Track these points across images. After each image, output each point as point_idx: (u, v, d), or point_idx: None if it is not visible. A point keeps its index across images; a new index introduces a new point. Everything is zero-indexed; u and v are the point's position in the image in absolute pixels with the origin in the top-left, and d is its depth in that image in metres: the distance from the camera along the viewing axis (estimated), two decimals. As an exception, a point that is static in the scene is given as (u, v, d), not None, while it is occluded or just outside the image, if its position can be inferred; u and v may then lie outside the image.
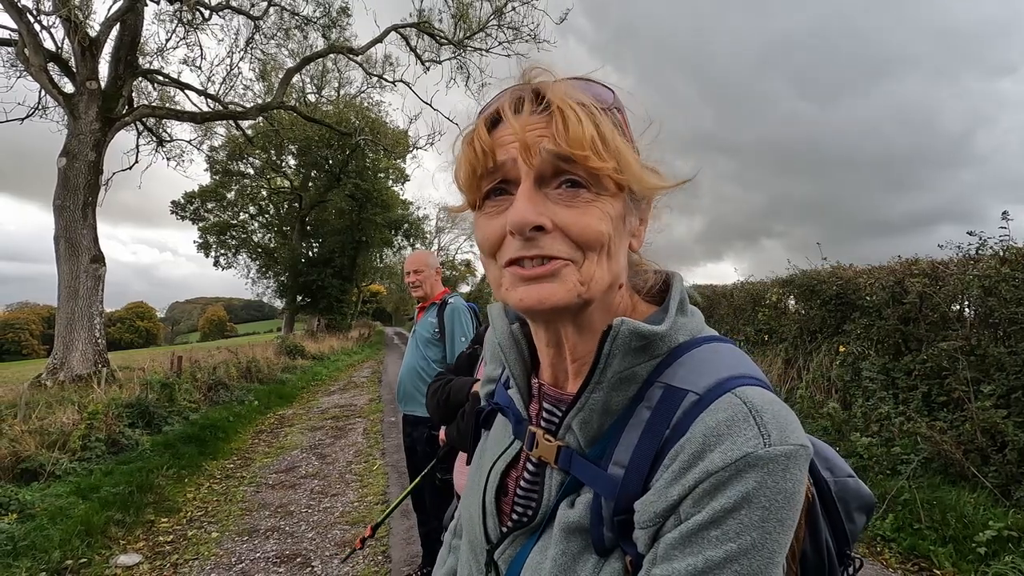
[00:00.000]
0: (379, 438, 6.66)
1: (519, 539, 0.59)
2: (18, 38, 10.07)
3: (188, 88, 13.60)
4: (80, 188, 9.72)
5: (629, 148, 0.53)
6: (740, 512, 0.43)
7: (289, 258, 26.64)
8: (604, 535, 0.51)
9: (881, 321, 4.81)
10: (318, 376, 13.14)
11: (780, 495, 0.44)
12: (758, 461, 0.44)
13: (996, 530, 2.89)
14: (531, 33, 13.87)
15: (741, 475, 0.44)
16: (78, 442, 4.93)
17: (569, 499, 0.55)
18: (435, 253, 3.39)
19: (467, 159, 0.54)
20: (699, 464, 0.45)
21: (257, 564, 3.48)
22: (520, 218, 0.50)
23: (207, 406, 7.70)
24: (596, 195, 0.51)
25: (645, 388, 0.53)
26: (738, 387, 0.49)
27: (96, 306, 9.72)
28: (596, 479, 0.52)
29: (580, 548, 0.52)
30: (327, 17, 15.01)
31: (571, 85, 0.52)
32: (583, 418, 0.54)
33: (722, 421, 0.46)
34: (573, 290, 0.51)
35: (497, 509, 0.63)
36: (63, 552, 3.38)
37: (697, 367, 0.51)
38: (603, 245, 0.52)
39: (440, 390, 1.64)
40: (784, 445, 0.45)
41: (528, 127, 0.51)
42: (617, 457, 0.52)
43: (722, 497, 0.44)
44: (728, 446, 0.45)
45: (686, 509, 0.45)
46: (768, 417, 0.46)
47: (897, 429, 3.92)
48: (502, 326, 0.64)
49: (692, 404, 0.49)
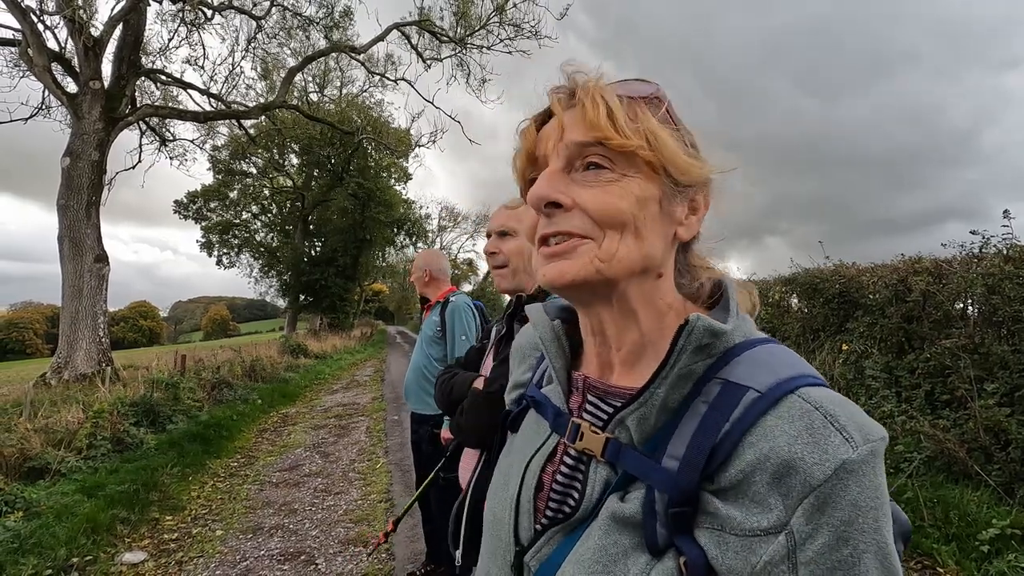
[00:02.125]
0: (382, 436, 6.68)
1: (556, 537, 0.57)
2: (21, 38, 10.09)
3: (191, 87, 13.63)
4: (84, 188, 9.76)
5: (669, 134, 0.55)
6: (858, 521, 0.44)
7: (292, 257, 26.69)
8: (658, 531, 0.50)
9: (884, 319, 4.80)
10: (321, 375, 13.17)
11: (879, 490, 0.45)
12: (853, 466, 0.44)
13: (999, 528, 2.89)
14: (532, 30, 13.86)
15: (843, 483, 0.44)
16: (84, 440, 4.96)
17: (619, 494, 0.54)
18: (438, 251, 3.40)
19: (519, 150, 0.61)
20: (794, 476, 0.45)
21: (261, 562, 3.50)
22: (534, 193, 0.55)
23: (211, 405, 7.72)
24: (621, 175, 0.54)
25: (702, 384, 0.52)
26: (801, 387, 0.49)
27: (100, 305, 9.75)
28: (649, 471, 0.52)
29: (629, 545, 0.51)
30: (329, 18, 15.03)
31: (601, 82, 0.56)
32: (642, 414, 0.53)
33: (803, 429, 0.46)
34: (590, 265, 0.53)
35: (534, 507, 0.61)
36: (69, 550, 3.40)
37: (756, 365, 0.52)
38: (624, 223, 0.53)
39: (445, 383, 1.65)
40: (868, 444, 0.45)
41: (566, 121, 0.56)
42: (672, 451, 0.51)
43: (834, 510, 0.44)
44: (821, 456, 0.45)
45: (799, 526, 0.45)
46: (844, 419, 0.46)
47: (900, 427, 3.92)
48: (543, 321, 0.65)
49: (753, 401, 0.49)
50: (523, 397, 0.72)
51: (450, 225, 44.19)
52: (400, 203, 28.76)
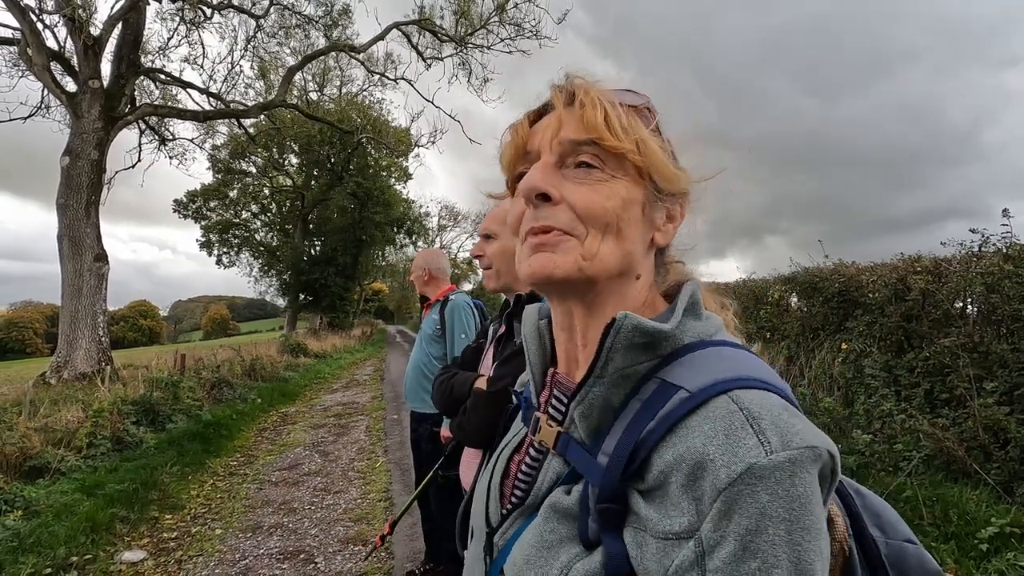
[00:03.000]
0: (381, 435, 6.68)
1: (517, 520, 0.61)
2: (21, 37, 10.08)
3: (190, 87, 13.63)
4: (83, 187, 9.76)
5: (656, 142, 0.57)
6: (767, 532, 0.42)
7: (291, 256, 26.68)
8: (589, 526, 0.51)
9: (883, 318, 4.81)
10: (320, 374, 13.17)
11: (796, 503, 0.42)
12: (763, 471, 0.42)
13: (998, 527, 2.89)
14: (533, 30, 13.85)
15: (751, 489, 0.42)
16: (84, 440, 4.95)
17: (566, 487, 0.56)
18: (437, 250, 3.39)
19: (509, 143, 0.62)
20: (705, 478, 0.44)
21: (261, 560, 3.50)
22: (526, 183, 0.56)
23: (211, 404, 7.73)
24: (610, 176, 0.56)
25: (642, 383, 0.53)
26: (735, 389, 0.47)
27: (99, 304, 9.76)
28: (586, 466, 0.54)
29: (565, 535, 0.53)
30: (328, 16, 15.02)
31: (601, 88, 0.57)
32: (583, 411, 0.54)
33: (720, 430, 0.45)
34: (575, 263, 0.54)
35: (500, 493, 0.66)
36: (68, 548, 3.40)
37: (695, 366, 0.51)
38: (608, 223, 0.55)
39: (444, 383, 1.65)
40: (786, 451, 0.43)
41: (559, 119, 0.57)
42: (605, 447, 0.52)
43: (740, 518, 0.42)
44: (730, 459, 0.43)
45: (707, 533, 0.43)
46: (767, 423, 0.44)
47: (899, 426, 3.92)
48: (531, 321, 0.68)
49: (681, 400, 0.49)
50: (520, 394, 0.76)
51: (450, 224, 44.20)
52: (400, 202, 28.76)
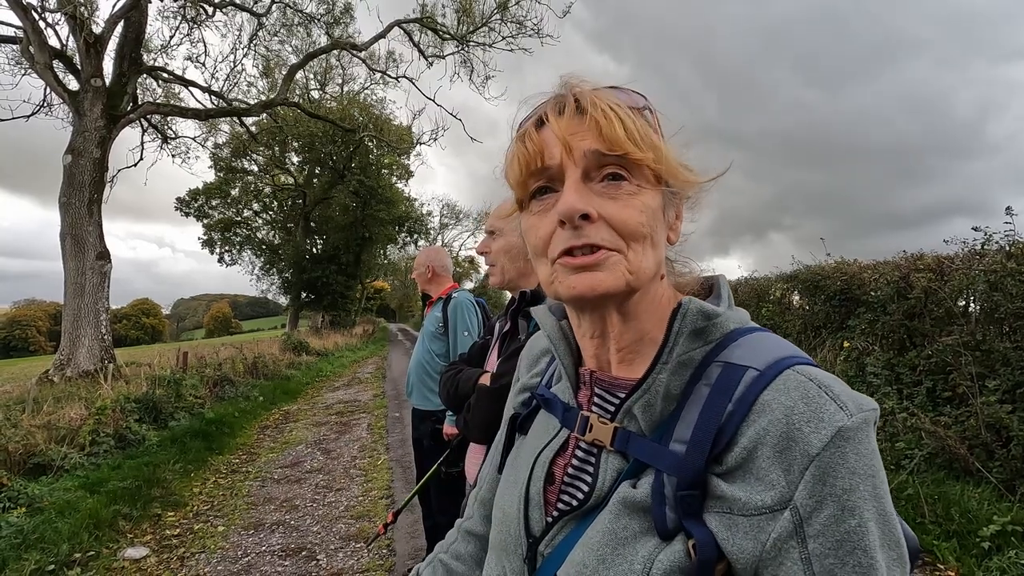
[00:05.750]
0: (383, 433, 6.70)
1: (568, 524, 0.58)
2: (23, 35, 10.10)
3: (192, 85, 13.63)
4: (86, 185, 9.78)
5: (663, 145, 0.57)
6: (859, 489, 0.45)
7: (293, 255, 26.73)
8: (667, 516, 0.50)
9: (886, 316, 4.79)
10: (322, 372, 13.20)
11: (874, 458, 0.46)
12: (849, 433, 0.46)
13: (1000, 525, 2.89)
14: (535, 27, 13.83)
15: (840, 451, 0.45)
16: (87, 437, 4.97)
17: (631, 481, 0.55)
18: (440, 248, 3.38)
19: (519, 156, 0.57)
20: (794, 448, 0.46)
21: (263, 557, 3.51)
22: (568, 206, 0.53)
23: (213, 402, 7.75)
24: (637, 187, 0.55)
25: (702, 368, 0.54)
26: (796, 364, 0.51)
27: (102, 303, 9.78)
28: (657, 456, 0.53)
29: (639, 529, 0.52)
30: (330, 14, 15.01)
31: (605, 91, 0.57)
32: (647, 401, 0.54)
33: (798, 399, 0.48)
34: (623, 278, 0.54)
35: (544, 500, 0.62)
36: (71, 545, 3.42)
37: (753, 348, 0.53)
38: (646, 236, 0.55)
39: (450, 380, 1.66)
40: (862, 412, 0.47)
41: (570, 129, 0.55)
42: (678, 435, 0.52)
43: (835, 479, 0.45)
44: (817, 425, 0.46)
45: (802, 500, 0.45)
46: (838, 389, 0.48)
47: (901, 424, 3.91)
48: (551, 322, 0.67)
49: (754, 379, 0.50)
50: (532, 399, 0.74)
51: (451, 222, 44.14)
52: (401, 200, 28.76)
